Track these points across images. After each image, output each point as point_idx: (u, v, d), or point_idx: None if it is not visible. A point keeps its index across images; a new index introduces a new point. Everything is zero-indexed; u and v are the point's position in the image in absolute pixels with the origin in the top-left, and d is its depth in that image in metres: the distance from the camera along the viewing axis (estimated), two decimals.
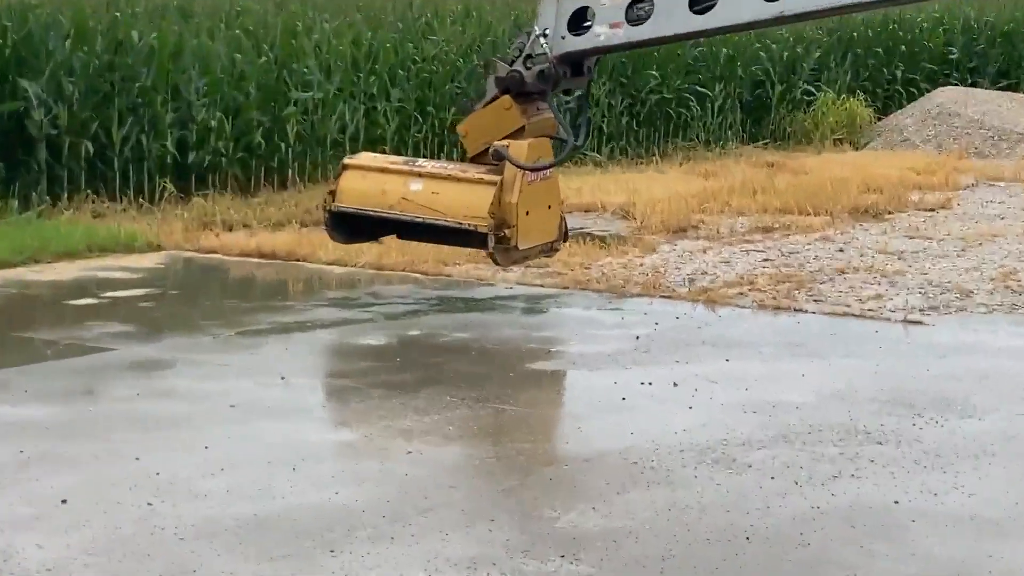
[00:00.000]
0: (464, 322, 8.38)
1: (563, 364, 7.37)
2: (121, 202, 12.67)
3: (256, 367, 7.14)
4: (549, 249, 8.25)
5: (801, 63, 20.13)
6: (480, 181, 7.67)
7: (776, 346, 7.73)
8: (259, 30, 15.33)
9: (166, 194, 12.83)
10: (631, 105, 18.01)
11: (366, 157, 8.33)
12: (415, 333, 8.07)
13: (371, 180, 7.96)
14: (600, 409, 6.43)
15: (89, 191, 12.74)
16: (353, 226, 8.22)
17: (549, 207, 8.01)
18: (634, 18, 7.59)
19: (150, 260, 10.45)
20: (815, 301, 8.94)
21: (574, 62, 7.92)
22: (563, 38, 7.79)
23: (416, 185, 7.79)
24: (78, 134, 12.87)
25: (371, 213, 7.91)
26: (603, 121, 17.47)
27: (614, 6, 7.51)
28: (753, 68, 19.59)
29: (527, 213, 7.71)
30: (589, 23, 7.75)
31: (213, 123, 13.50)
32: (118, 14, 14.66)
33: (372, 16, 17.32)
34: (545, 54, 7.73)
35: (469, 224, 7.57)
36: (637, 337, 7.89)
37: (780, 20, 7.27)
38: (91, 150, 12.78)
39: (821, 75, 20.52)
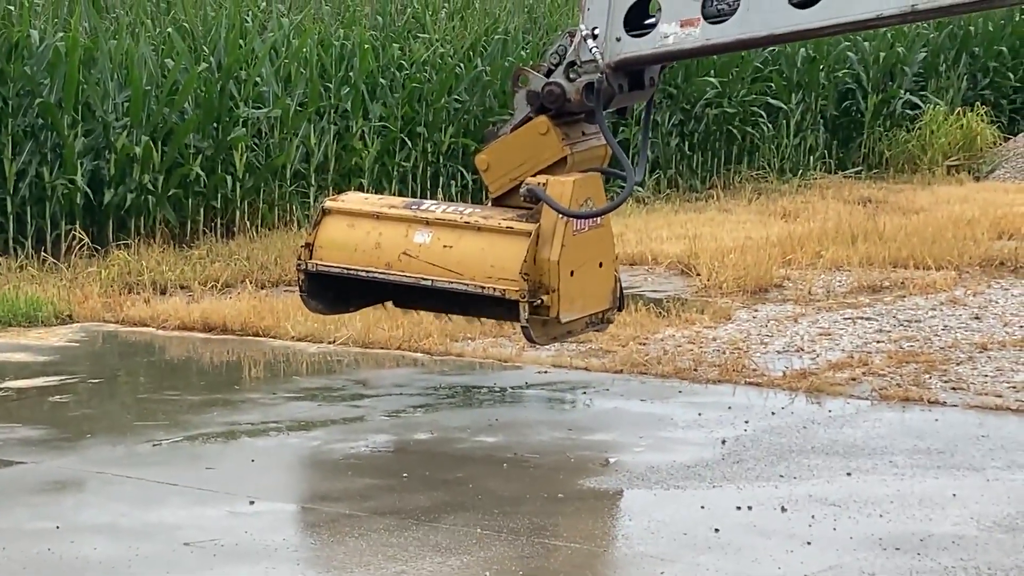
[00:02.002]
0: (488, 420, 8.17)
1: (627, 480, 7.15)
2: (17, 256, 12.51)
3: (214, 487, 6.92)
4: (600, 320, 8.08)
5: (902, 67, 20.06)
6: (509, 231, 7.53)
7: (911, 453, 7.53)
8: (196, 28, 15.22)
9: (76, 246, 12.65)
10: (683, 123, 17.92)
11: (353, 199, 8.17)
12: (423, 437, 7.86)
13: (361, 230, 7.82)
14: (686, 546, 6.20)
15: None
16: (338, 291, 8.07)
17: (600, 265, 7.85)
18: (713, 14, 7.43)
19: (60, 336, 10.26)
20: (953, 389, 8.77)
21: (633, 72, 7.75)
22: (618, 40, 7.62)
23: (422, 236, 7.65)
24: None
25: (362, 274, 7.76)
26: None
27: (692, 3, 7.36)
28: (840, 73, 19.54)
29: (571, 274, 7.55)
30: (653, 19, 7.60)
31: (137, 151, 13.34)
32: (11, 8, 14.55)
33: (344, 9, 17.23)
34: (595, 61, 7.57)
35: (494, 289, 7.40)
36: (723, 441, 7.70)
37: (912, 16, 7.10)
38: None
39: (928, 82, 20.48)
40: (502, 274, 7.37)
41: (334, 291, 8.08)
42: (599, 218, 7.72)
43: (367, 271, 7.70)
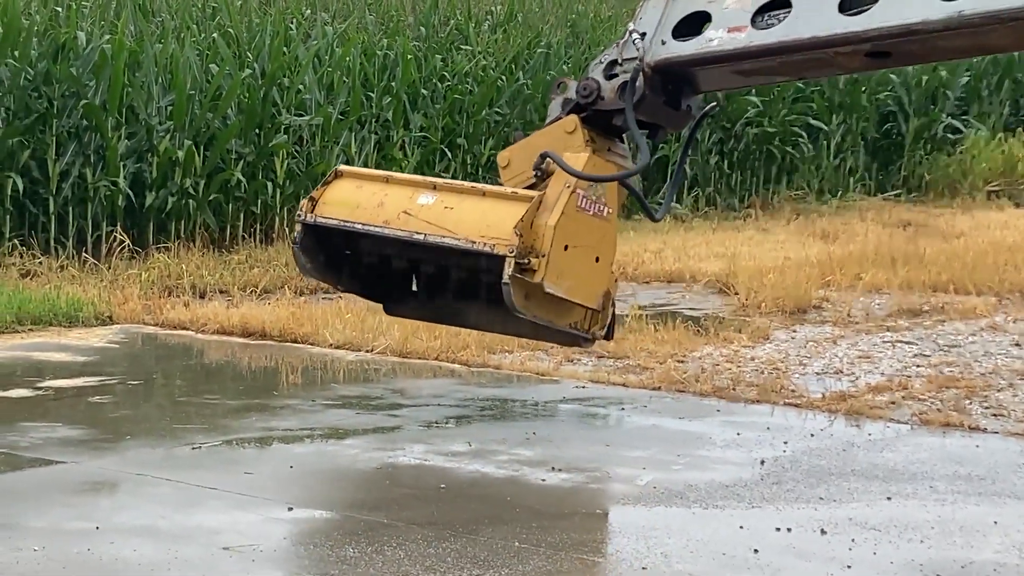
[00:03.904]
0: (525, 434, 8.14)
1: (665, 498, 7.10)
2: (58, 256, 12.54)
3: (252, 492, 6.90)
4: (584, 332, 7.56)
5: (944, 90, 19.98)
6: (513, 196, 7.27)
7: (951, 479, 7.47)
8: (241, 34, 15.26)
9: (117, 247, 12.68)
10: (723, 141, 17.88)
11: (370, 171, 8.11)
12: (461, 448, 7.83)
13: (368, 190, 7.59)
14: (725, 566, 6.15)
15: (16, 241, 12.62)
16: (331, 253, 7.81)
17: (597, 260, 7.56)
18: (763, 27, 7.37)
19: (100, 337, 10.29)
20: (994, 416, 8.71)
21: (672, 81, 7.65)
22: (663, 43, 7.52)
23: (426, 198, 7.42)
24: (3, 166, 12.77)
25: (358, 227, 7.48)
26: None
27: (740, 10, 7.28)
28: (882, 95, 19.46)
29: (565, 248, 7.25)
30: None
31: (179, 155, 13.38)
32: (59, 9, 14.63)
33: (387, 19, 17.25)
34: (635, 59, 7.44)
35: (484, 244, 7.12)
36: (762, 462, 7.65)
37: (958, 22, 6.99)
38: (20, 187, 12.66)
39: (970, 107, 20.39)
40: (495, 232, 7.09)
41: (327, 253, 7.80)
42: (604, 209, 7.41)
43: (363, 224, 7.45)
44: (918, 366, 9.91)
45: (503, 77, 16.47)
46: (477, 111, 15.89)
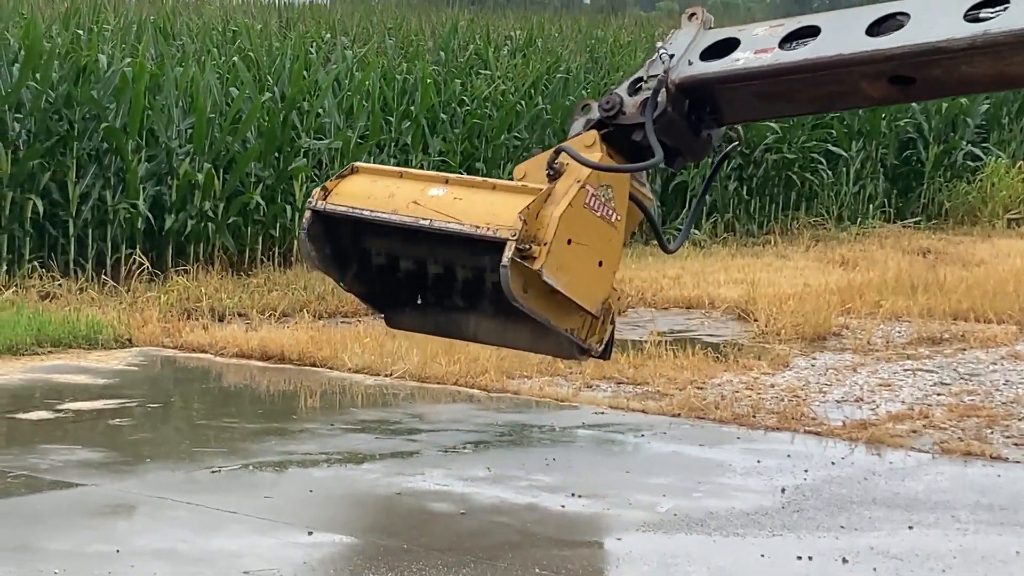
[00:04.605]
0: (544, 459, 8.14)
1: (685, 525, 7.10)
2: (77, 279, 12.58)
3: (272, 516, 6.91)
4: (578, 341, 7.23)
5: (964, 117, 19.98)
6: (522, 190, 7.24)
7: (974, 509, 7.45)
8: (261, 58, 15.32)
9: (136, 270, 12.72)
10: (742, 167, 17.89)
11: (385, 167, 8.07)
12: (480, 474, 7.84)
13: (381, 184, 7.55)
14: None
15: (36, 263, 12.66)
16: (338, 249, 7.74)
17: (600, 264, 7.47)
18: (790, 50, 7.38)
19: (119, 359, 10.32)
20: (1016, 445, 8.69)
21: (695, 107, 7.64)
22: (690, 63, 7.51)
23: (437, 191, 7.41)
24: (24, 188, 12.82)
25: (366, 214, 7.42)
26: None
27: (770, 36, 7.29)
28: (901, 122, 19.47)
29: (568, 242, 7.20)
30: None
31: (199, 178, 13.43)
32: (80, 32, 14.71)
33: (407, 43, 17.31)
34: (660, 76, 7.42)
35: (487, 229, 7.05)
36: (783, 490, 7.65)
37: (983, 40, 6.98)
38: (40, 209, 12.71)
39: (990, 134, 20.38)
40: (500, 220, 7.04)
41: (334, 247, 7.72)
42: (612, 214, 7.31)
43: (371, 210, 7.40)
44: (939, 394, 9.89)
45: (522, 102, 16.51)
46: (496, 135, 15.93)
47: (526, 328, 7.21)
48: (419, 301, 7.68)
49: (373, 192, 7.36)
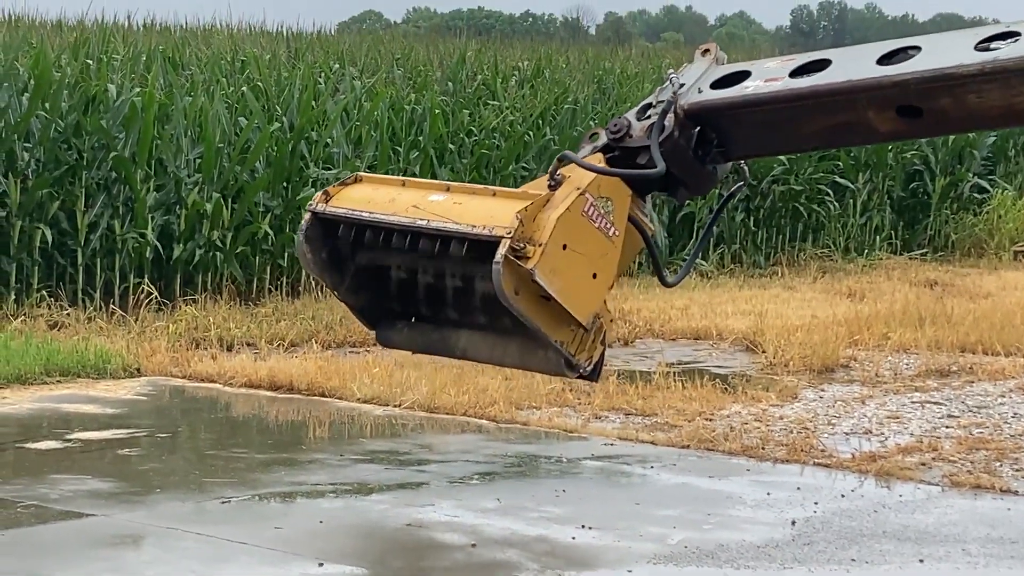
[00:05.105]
0: (554, 491, 8.14)
1: (696, 557, 7.09)
2: (86, 308, 12.60)
3: (283, 548, 6.90)
4: (567, 354, 7.08)
5: (971, 150, 20.01)
6: (522, 196, 7.22)
7: (984, 542, 7.43)
8: (270, 87, 15.36)
9: (144, 299, 12.73)
10: (749, 198, 17.91)
11: (388, 176, 8.08)
12: (490, 505, 7.82)
13: (383, 191, 7.56)
14: None
15: (44, 292, 12.68)
16: (336, 251, 7.70)
17: (595, 276, 7.42)
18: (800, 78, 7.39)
19: (128, 389, 10.32)
20: None
21: (701, 140, 7.64)
22: (700, 91, 7.52)
23: (438, 196, 7.41)
24: (32, 217, 12.85)
25: (364, 215, 7.38)
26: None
27: (781, 68, 7.31)
28: (908, 155, 19.50)
29: (564, 247, 7.16)
30: None
31: (207, 207, 13.45)
32: (90, 62, 14.76)
33: (415, 73, 17.35)
34: (668, 101, 7.41)
35: (483, 228, 7.00)
36: (793, 522, 7.63)
37: (992, 67, 7.00)
38: (49, 238, 12.74)
39: (997, 166, 20.40)
40: (497, 221, 7.02)
41: (331, 253, 7.68)
42: (610, 228, 7.25)
43: (370, 212, 7.37)
44: (947, 427, 9.88)
45: (530, 132, 16.55)
46: (504, 166, 15.95)
47: (515, 344, 7.18)
48: (412, 320, 7.65)
49: (374, 198, 7.34)
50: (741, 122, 7.40)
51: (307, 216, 7.42)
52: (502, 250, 6.68)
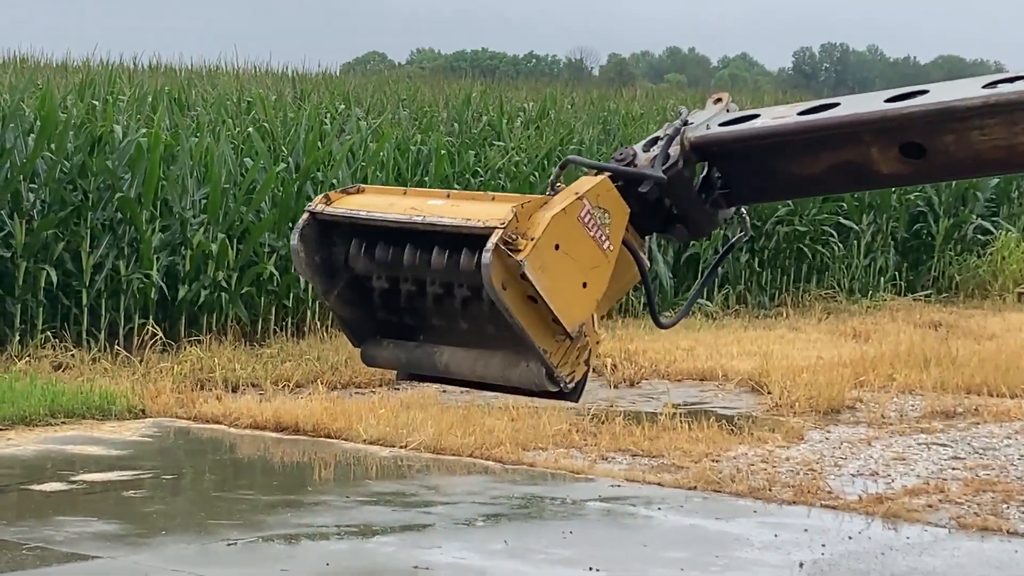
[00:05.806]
0: (561, 533, 8.11)
1: None
2: (90, 349, 12.59)
3: None
4: (549, 364, 7.37)
5: (974, 191, 20.03)
6: (521, 199, 7.25)
7: None
8: (276, 127, 15.39)
9: (149, 340, 12.72)
10: (753, 239, 17.91)
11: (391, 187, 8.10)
12: (497, 547, 7.81)
13: (385, 198, 7.56)
14: None
15: (49, 333, 12.67)
16: (331, 260, 7.65)
17: (585, 286, 7.38)
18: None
19: (133, 431, 10.31)
20: None
21: (705, 183, 7.65)
22: (707, 127, 7.56)
23: (437, 201, 7.39)
24: (37, 258, 12.85)
25: (361, 215, 7.33)
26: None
27: (790, 109, 7.34)
28: (911, 196, 19.52)
29: (556, 247, 7.14)
30: None
31: (213, 248, 13.46)
32: (96, 102, 14.80)
33: (421, 114, 17.40)
34: (678, 126, 7.43)
35: (477, 220, 6.95)
36: (800, 564, 7.61)
37: (996, 100, 7.02)
38: (54, 279, 12.74)
39: (1000, 208, 20.42)
40: (492, 216, 7.01)
41: (324, 259, 7.63)
42: (605, 241, 7.22)
43: (367, 215, 7.34)
44: (954, 468, 9.86)
45: (536, 173, 16.56)
46: None
47: (497, 358, 7.15)
48: (399, 337, 7.62)
49: (375, 204, 7.34)
50: (746, 158, 7.44)
51: (305, 216, 7.42)
52: (494, 239, 6.71)
